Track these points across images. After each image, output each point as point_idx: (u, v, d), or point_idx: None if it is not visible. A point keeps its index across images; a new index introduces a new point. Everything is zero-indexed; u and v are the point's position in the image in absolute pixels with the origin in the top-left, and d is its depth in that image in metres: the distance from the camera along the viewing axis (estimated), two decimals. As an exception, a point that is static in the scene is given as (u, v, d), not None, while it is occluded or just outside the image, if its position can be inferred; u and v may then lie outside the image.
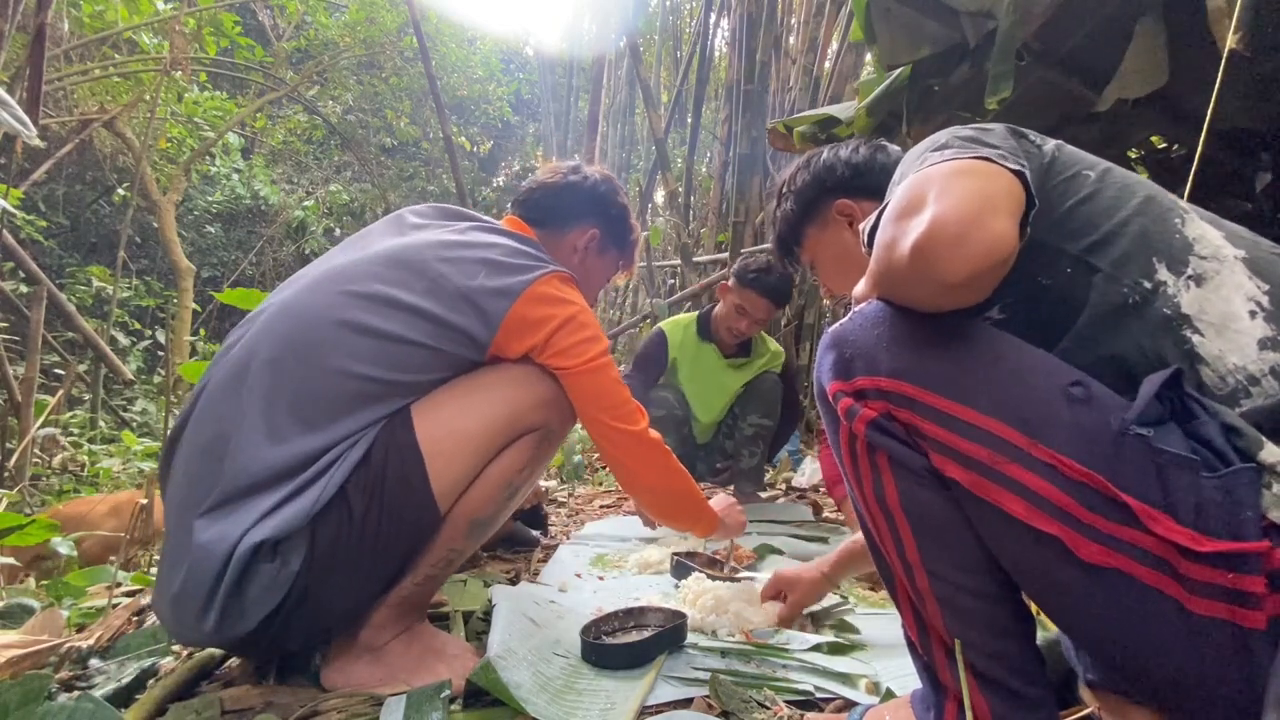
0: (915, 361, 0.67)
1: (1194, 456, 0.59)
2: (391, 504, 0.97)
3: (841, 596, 1.47)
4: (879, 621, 1.28)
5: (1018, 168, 0.69)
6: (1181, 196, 1.16)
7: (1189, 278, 0.67)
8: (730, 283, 2.41)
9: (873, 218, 0.74)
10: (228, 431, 0.95)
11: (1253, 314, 0.65)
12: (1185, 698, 0.61)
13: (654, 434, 1.24)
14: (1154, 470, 0.59)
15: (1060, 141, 0.81)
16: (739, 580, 1.50)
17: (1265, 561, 0.55)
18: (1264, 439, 0.58)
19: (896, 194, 0.70)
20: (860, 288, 0.76)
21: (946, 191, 0.65)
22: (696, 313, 2.59)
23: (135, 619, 1.29)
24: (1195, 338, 0.65)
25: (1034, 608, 0.74)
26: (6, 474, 2.65)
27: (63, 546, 1.61)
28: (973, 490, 0.65)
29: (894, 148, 1.20)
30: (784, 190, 1.25)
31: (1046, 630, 0.92)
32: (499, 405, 1.06)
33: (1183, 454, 0.59)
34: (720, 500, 1.50)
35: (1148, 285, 0.68)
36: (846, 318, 0.74)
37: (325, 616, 0.97)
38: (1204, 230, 0.70)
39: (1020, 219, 0.66)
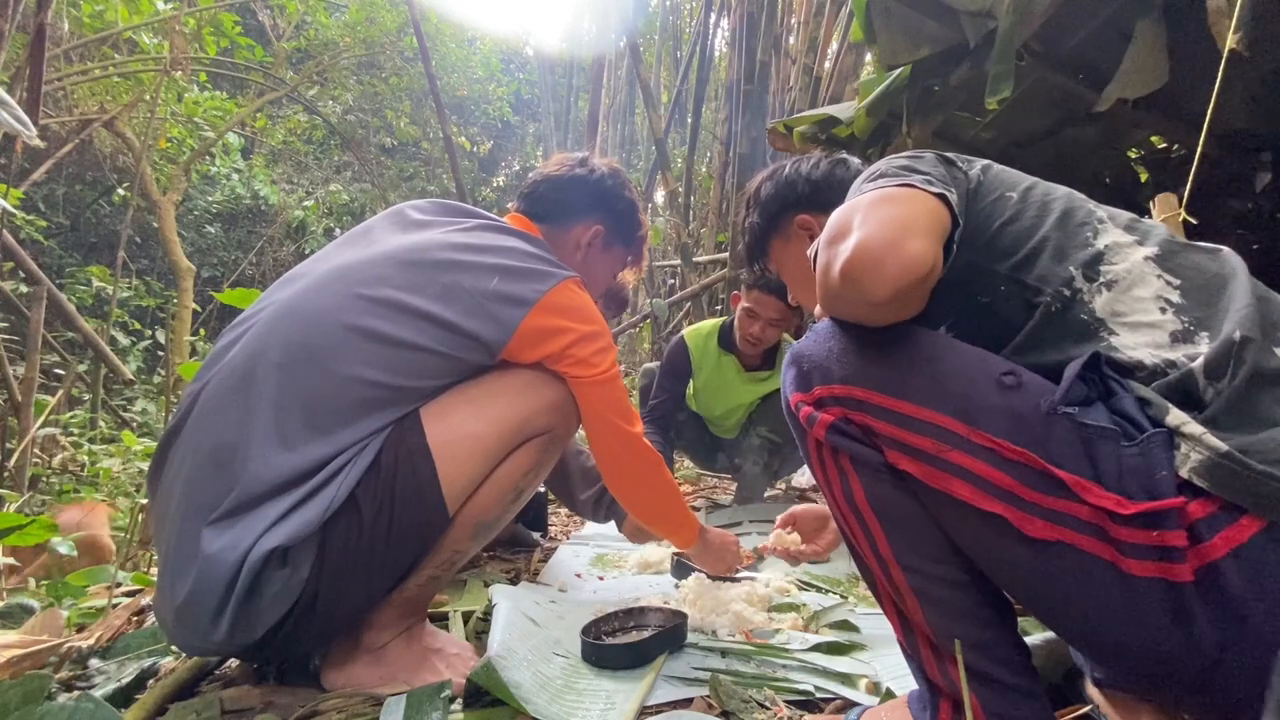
0: (863, 367, 0.73)
1: (1114, 427, 0.63)
2: (402, 508, 0.97)
3: (841, 596, 1.47)
4: (879, 621, 1.28)
5: (940, 191, 0.75)
6: (1181, 197, 1.16)
7: (1102, 283, 0.73)
8: (739, 291, 2.37)
9: (817, 242, 0.79)
10: (235, 439, 0.93)
11: (1163, 310, 0.70)
12: (1139, 662, 0.63)
13: (648, 441, 1.27)
14: (1081, 444, 0.63)
15: (988, 163, 0.87)
16: (739, 580, 1.50)
17: (1182, 516, 0.59)
18: (1169, 405, 0.63)
19: (828, 222, 0.76)
20: (817, 307, 0.81)
21: (868, 218, 0.71)
22: (719, 321, 2.54)
23: (135, 619, 1.29)
24: (1113, 338, 0.71)
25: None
26: (6, 474, 2.65)
27: (62, 546, 1.61)
28: (924, 480, 0.69)
29: (855, 161, 1.25)
30: (750, 202, 1.32)
31: (1045, 630, 0.92)
32: (509, 409, 1.06)
33: (1104, 425, 0.63)
34: (719, 534, 1.52)
35: (1067, 293, 0.74)
36: (804, 336, 0.80)
37: (333, 620, 0.97)
38: (1116, 237, 0.76)
39: (946, 238, 0.74)
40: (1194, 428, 0.61)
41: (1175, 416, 0.62)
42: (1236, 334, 0.64)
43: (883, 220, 0.71)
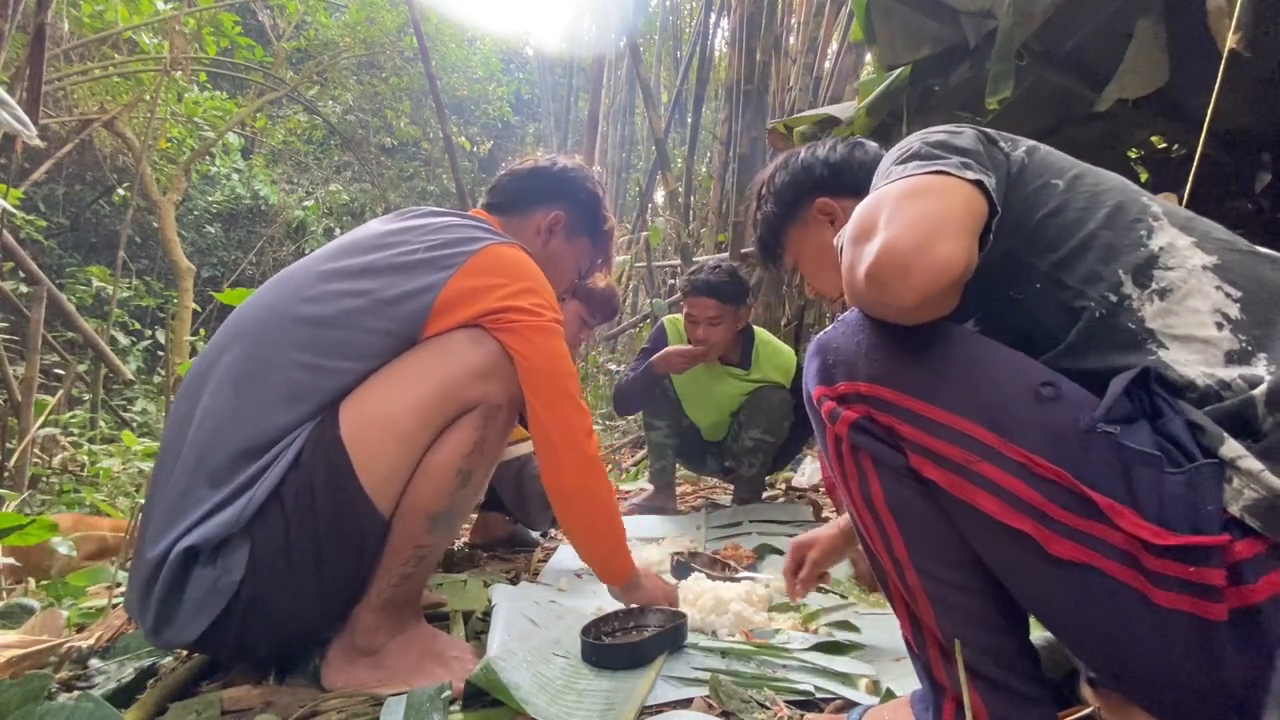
0: (892, 367, 0.70)
1: (1158, 453, 0.60)
2: (324, 503, 0.94)
3: (841, 596, 1.47)
4: (879, 621, 1.28)
5: (977, 178, 0.69)
6: (1181, 197, 1.16)
7: (1154, 291, 0.68)
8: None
9: (842, 233, 0.75)
10: (181, 434, 0.98)
11: (1219, 325, 0.65)
12: (1158, 690, 0.62)
13: (595, 436, 1.15)
14: (1120, 466, 0.60)
15: (1034, 144, 0.81)
16: (739, 580, 1.50)
17: (1225, 555, 0.56)
18: (1225, 434, 0.59)
19: (854, 214, 0.72)
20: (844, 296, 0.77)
21: (895, 216, 0.67)
22: None
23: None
24: (1161, 351, 0.66)
25: None
26: (6, 474, 2.65)
27: (62, 546, 1.61)
28: (949, 489, 0.67)
29: (871, 145, 1.20)
30: (763, 192, 1.25)
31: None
32: (425, 384, 0.99)
33: (1147, 450, 0.60)
34: (651, 575, 1.34)
35: (1114, 299, 0.69)
36: (831, 325, 0.77)
37: (285, 620, 0.97)
38: (1173, 239, 0.70)
39: (981, 230, 0.68)
40: (1251, 463, 0.57)
41: (1231, 448, 0.58)
42: None
43: (911, 219, 0.65)
